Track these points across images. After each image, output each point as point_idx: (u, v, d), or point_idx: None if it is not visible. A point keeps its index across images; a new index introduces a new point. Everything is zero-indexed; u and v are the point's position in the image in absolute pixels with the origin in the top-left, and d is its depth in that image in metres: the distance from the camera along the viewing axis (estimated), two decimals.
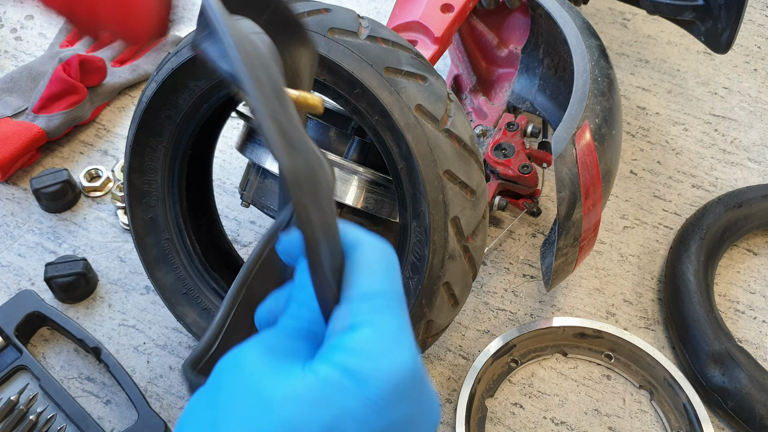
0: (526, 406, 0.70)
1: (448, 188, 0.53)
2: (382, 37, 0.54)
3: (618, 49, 1.02)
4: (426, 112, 0.52)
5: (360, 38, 0.53)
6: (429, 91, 0.53)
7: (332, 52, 0.52)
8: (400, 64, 0.52)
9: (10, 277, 0.78)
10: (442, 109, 0.53)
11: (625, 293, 0.78)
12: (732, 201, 0.79)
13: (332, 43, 0.52)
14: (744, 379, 0.66)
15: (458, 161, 0.53)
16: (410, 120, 0.51)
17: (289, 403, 0.27)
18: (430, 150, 0.52)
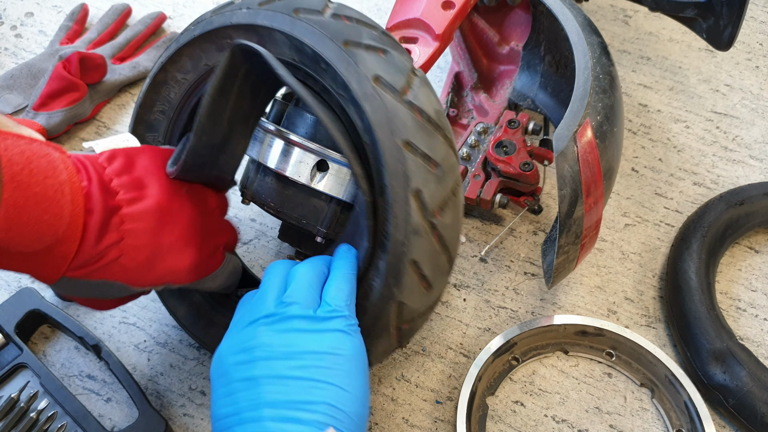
0: (527, 404, 0.70)
1: (409, 159, 0.52)
2: (346, 15, 0.55)
3: (619, 46, 1.02)
4: (385, 83, 0.52)
5: (324, 16, 0.55)
6: (389, 63, 0.53)
7: (296, 29, 0.54)
8: (361, 37, 0.54)
9: (10, 275, 0.78)
10: (402, 81, 0.53)
11: (626, 291, 0.78)
12: (733, 198, 0.79)
13: (296, 21, 0.54)
14: (745, 377, 0.66)
15: (420, 132, 0.52)
16: (368, 90, 0.52)
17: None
18: (388, 119, 0.52)
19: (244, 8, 0.57)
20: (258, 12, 0.56)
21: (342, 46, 0.53)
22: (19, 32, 1.03)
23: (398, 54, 0.55)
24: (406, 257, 0.53)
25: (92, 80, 0.91)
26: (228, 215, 0.83)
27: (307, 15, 0.55)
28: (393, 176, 0.52)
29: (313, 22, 0.54)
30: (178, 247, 0.53)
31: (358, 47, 0.53)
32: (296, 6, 0.55)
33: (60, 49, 0.95)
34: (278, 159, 0.61)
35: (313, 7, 0.55)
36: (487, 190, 0.76)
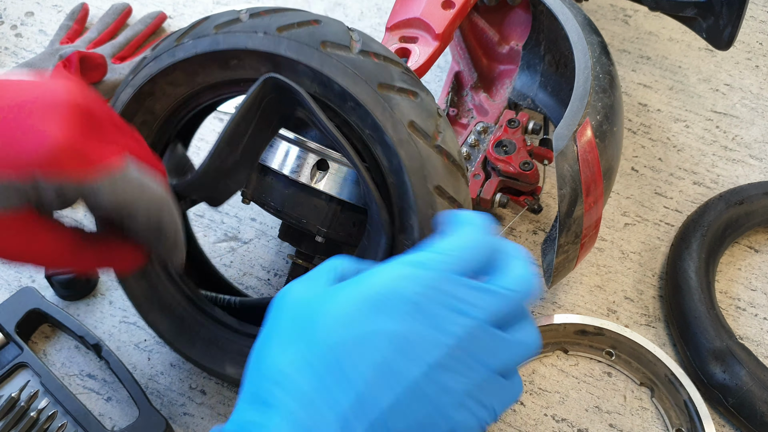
0: (527, 403, 0.70)
1: (438, 203, 0.53)
2: (374, 51, 0.54)
3: (619, 45, 1.02)
4: (418, 129, 0.52)
5: (353, 53, 0.53)
6: (421, 107, 0.53)
7: (325, 66, 0.52)
8: (393, 80, 0.52)
9: (11, 274, 0.78)
10: (433, 126, 0.53)
11: (626, 290, 0.78)
12: (733, 198, 0.79)
13: (325, 57, 0.52)
14: (745, 377, 0.66)
15: (448, 176, 0.53)
16: (403, 136, 0.51)
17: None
18: (422, 166, 0.52)
19: (260, 32, 0.54)
20: (280, 41, 0.53)
21: (376, 89, 0.52)
22: (19, 32, 1.03)
23: (426, 96, 0.54)
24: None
25: (93, 80, 0.91)
26: (228, 215, 0.83)
27: (335, 50, 0.52)
28: (423, 219, 0.53)
29: (344, 60, 0.52)
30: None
31: (391, 90, 0.52)
32: (322, 38, 0.53)
33: (60, 49, 0.95)
34: (278, 158, 0.61)
35: (340, 41, 0.53)
36: (487, 189, 0.76)
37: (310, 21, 0.54)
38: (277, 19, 0.53)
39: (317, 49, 0.52)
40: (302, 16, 0.54)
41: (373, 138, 0.53)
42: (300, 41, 0.53)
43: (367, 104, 0.52)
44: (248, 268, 0.79)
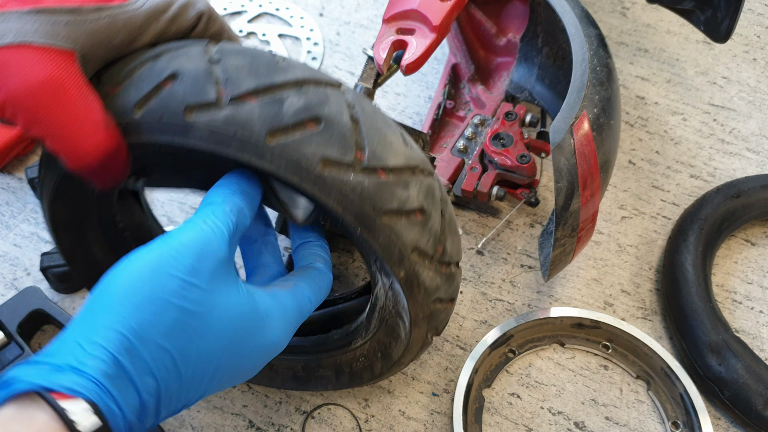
0: (524, 396, 0.70)
1: (437, 308, 0.54)
2: (383, 166, 0.45)
3: (617, 38, 1.02)
4: (422, 253, 0.49)
5: (356, 171, 0.44)
6: (425, 227, 0.48)
7: (322, 192, 0.44)
8: (403, 201, 0.46)
9: (5, 268, 0.77)
10: (435, 246, 0.50)
11: (622, 283, 0.78)
12: (730, 191, 0.79)
13: (322, 181, 0.43)
14: (741, 370, 0.66)
15: (445, 283, 0.53)
16: (406, 264, 0.48)
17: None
18: (422, 285, 0.50)
19: (244, 138, 0.43)
20: (270, 156, 0.43)
21: (380, 217, 0.45)
22: None
23: (435, 213, 0.49)
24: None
25: None
26: None
27: (334, 172, 0.44)
28: (417, 323, 0.54)
29: (344, 185, 0.44)
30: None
31: (399, 216, 0.46)
32: (322, 155, 0.43)
33: None
34: None
35: (341, 158, 0.44)
36: (484, 182, 0.76)
37: (309, 121, 0.43)
38: (268, 113, 0.43)
39: (314, 170, 0.43)
40: (302, 109, 0.43)
41: (376, 264, 0.52)
42: (294, 159, 0.43)
43: (369, 236, 0.46)
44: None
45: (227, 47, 0.45)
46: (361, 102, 0.46)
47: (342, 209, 0.44)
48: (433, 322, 0.55)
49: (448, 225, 0.51)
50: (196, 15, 0.47)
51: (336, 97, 0.45)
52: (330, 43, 1.01)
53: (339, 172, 0.44)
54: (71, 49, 0.41)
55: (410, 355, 0.59)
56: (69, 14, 0.42)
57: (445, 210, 0.51)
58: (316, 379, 0.66)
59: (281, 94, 0.43)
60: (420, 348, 0.59)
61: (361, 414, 0.69)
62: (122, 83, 0.44)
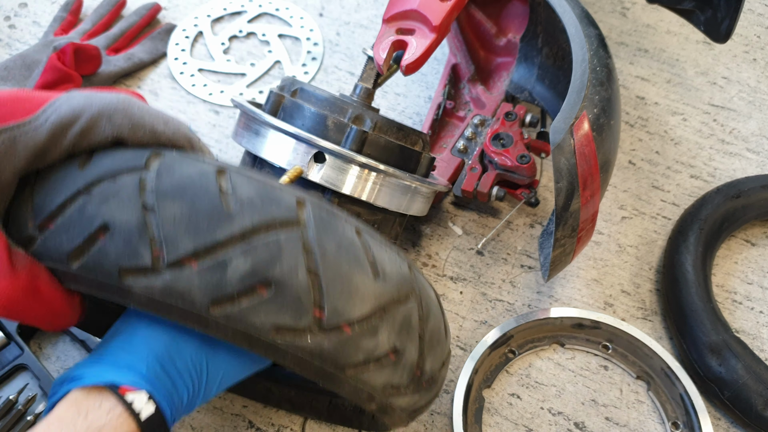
0: (524, 396, 0.70)
1: (419, 410, 0.51)
2: (348, 320, 0.41)
3: (617, 38, 1.01)
4: (395, 386, 0.46)
5: (315, 333, 0.41)
6: (398, 366, 0.45)
7: (279, 357, 0.41)
8: (372, 351, 0.43)
9: None
10: (410, 376, 0.47)
11: (622, 284, 0.78)
12: (730, 191, 0.79)
13: (278, 349, 0.40)
14: (741, 370, 0.66)
15: (426, 393, 0.50)
16: (376, 398, 0.46)
17: None
18: (398, 408, 0.48)
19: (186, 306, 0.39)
20: (215, 327, 0.40)
21: (344, 372, 0.42)
22: (12, 23, 1.02)
23: (411, 344, 0.46)
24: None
25: (87, 71, 0.90)
26: None
27: (290, 338, 0.40)
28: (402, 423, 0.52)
29: (301, 351, 0.41)
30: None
31: (366, 365, 0.43)
32: (274, 322, 0.40)
33: (54, 40, 0.94)
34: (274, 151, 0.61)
35: (298, 325, 0.40)
36: (484, 182, 0.76)
37: (258, 285, 0.39)
38: (210, 281, 0.39)
39: (265, 338, 0.40)
40: (249, 274, 0.39)
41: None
42: (247, 328, 0.39)
43: (330, 386, 0.43)
44: None
45: (165, 184, 0.40)
46: (324, 239, 0.41)
47: (300, 370, 0.41)
48: (415, 417, 0.53)
49: (429, 343, 0.47)
50: (113, 129, 0.42)
51: (290, 246, 0.40)
52: (330, 44, 1.01)
53: (294, 338, 0.40)
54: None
55: (401, 423, 0.55)
56: None
57: (425, 330, 0.47)
58: (310, 408, 0.67)
59: (224, 255, 0.39)
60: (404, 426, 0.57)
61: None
62: (55, 219, 0.41)
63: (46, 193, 0.42)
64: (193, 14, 1.04)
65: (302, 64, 0.98)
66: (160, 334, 0.44)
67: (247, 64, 0.98)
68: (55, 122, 0.41)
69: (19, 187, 0.43)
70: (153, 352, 0.43)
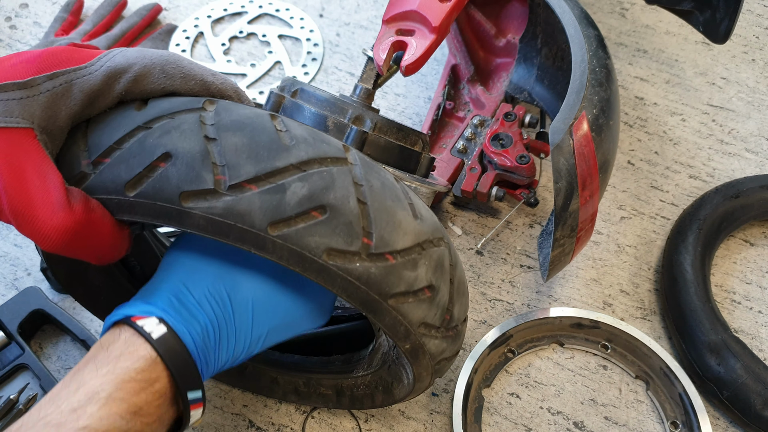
0: (523, 396, 0.70)
1: (441, 366, 0.54)
2: (389, 251, 0.44)
3: (616, 38, 1.02)
4: (429, 325, 0.49)
5: (363, 259, 0.43)
6: (432, 304, 0.48)
7: (327, 281, 0.43)
8: (411, 285, 0.45)
9: (6, 267, 0.78)
10: (441, 320, 0.49)
11: (621, 284, 0.78)
12: (729, 191, 0.79)
13: (326, 270, 0.42)
14: (739, 370, 0.66)
15: (451, 345, 0.52)
16: (413, 337, 0.48)
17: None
18: (428, 353, 0.50)
19: (244, 224, 0.41)
20: (272, 247, 0.41)
21: (387, 301, 0.44)
22: (13, 23, 1.03)
23: (444, 285, 0.48)
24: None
25: None
26: None
27: (339, 260, 0.42)
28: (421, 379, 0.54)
29: (350, 273, 0.42)
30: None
31: (406, 297, 0.45)
32: (327, 246, 0.42)
33: (55, 41, 0.95)
34: None
35: (345, 247, 0.42)
36: (484, 182, 0.76)
37: (313, 210, 0.42)
38: (270, 203, 0.41)
39: (318, 261, 0.42)
40: (306, 198, 0.42)
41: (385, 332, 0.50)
42: (302, 248, 0.41)
43: (372, 317, 0.45)
44: None
45: (224, 120, 0.42)
46: (370, 176, 0.44)
47: (347, 296, 0.43)
48: (437, 374, 0.55)
49: (457, 290, 0.50)
50: (165, 79, 0.45)
51: (342, 177, 0.43)
52: (330, 44, 1.01)
53: (344, 262, 0.42)
54: (28, 126, 0.41)
55: (413, 395, 0.59)
56: (22, 89, 0.41)
57: (455, 276, 0.50)
58: (317, 395, 0.67)
59: (284, 181, 0.41)
60: (420, 391, 0.59)
61: (361, 414, 0.69)
62: (111, 154, 0.42)
63: (101, 133, 0.44)
64: (193, 15, 1.04)
65: (302, 65, 0.98)
66: (177, 272, 0.47)
67: (248, 65, 0.99)
68: (110, 68, 0.44)
69: (69, 134, 0.45)
70: (169, 287, 0.46)
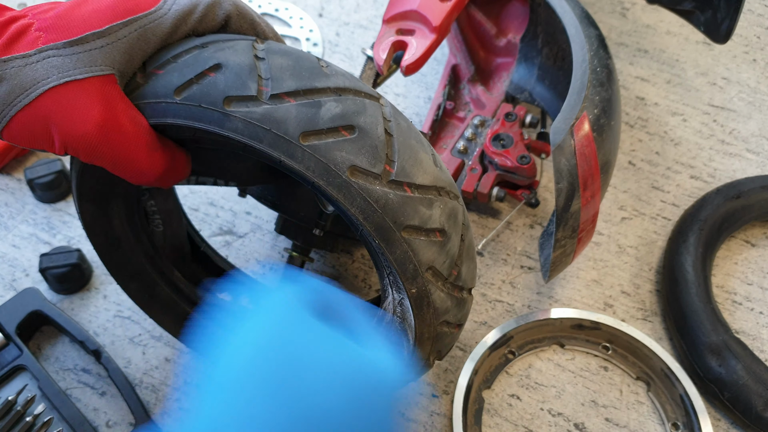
0: (524, 397, 0.70)
1: (443, 331, 0.53)
2: (408, 182, 0.46)
3: (617, 38, 1.01)
4: (437, 274, 0.49)
5: (383, 183, 0.45)
6: (443, 249, 0.49)
7: (347, 199, 0.44)
8: (424, 221, 0.46)
9: (4, 268, 0.77)
10: (451, 268, 0.50)
11: (622, 285, 0.78)
12: (730, 192, 0.79)
13: (349, 187, 0.44)
14: (741, 371, 0.66)
15: (455, 309, 0.52)
16: (419, 281, 0.48)
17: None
18: (432, 305, 0.50)
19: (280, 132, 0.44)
20: (304, 156, 0.44)
21: (401, 232, 0.46)
22: None
23: (455, 236, 0.49)
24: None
25: None
26: (223, 208, 0.83)
27: (362, 180, 0.44)
28: (422, 344, 0.53)
29: (370, 194, 0.44)
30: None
31: (418, 233, 0.46)
32: (351, 163, 0.44)
33: None
34: None
35: (370, 168, 0.44)
36: (484, 183, 0.76)
37: (343, 128, 0.45)
38: (305, 115, 0.44)
39: (341, 176, 0.44)
40: (338, 116, 0.45)
41: (384, 269, 0.51)
42: (328, 160, 0.44)
43: (384, 246, 0.46)
44: (243, 263, 0.79)
45: (274, 47, 0.46)
46: (398, 117, 0.47)
47: (363, 218, 0.45)
48: (437, 345, 0.54)
49: (467, 251, 0.51)
50: (224, 15, 0.48)
51: (373, 109, 0.46)
52: (329, 44, 1.01)
53: (366, 181, 0.44)
54: (110, 72, 0.44)
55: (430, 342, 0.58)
56: (101, 38, 0.44)
57: (466, 236, 0.51)
58: None
59: (320, 99, 0.44)
60: (419, 369, 0.58)
61: None
62: (166, 66, 0.46)
63: (160, 54, 0.47)
64: None
65: None
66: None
67: None
68: (177, 11, 0.46)
69: None
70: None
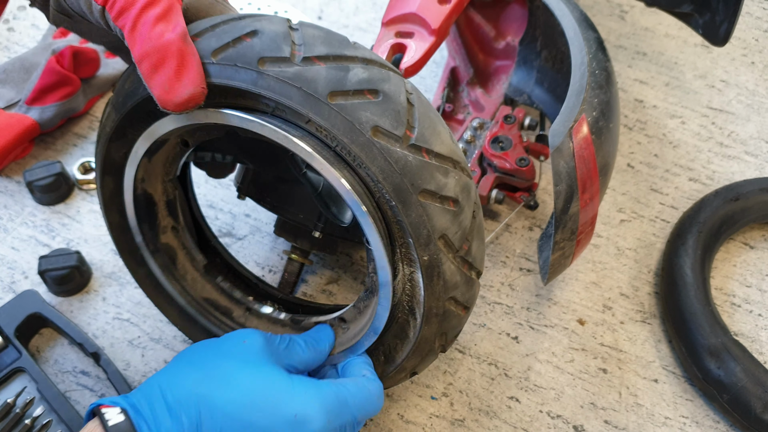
0: (522, 399, 0.70)
1: (450, 309, 0.54)
2: (427, 148, 0.48)
3: (615, 41, 1.02)
4: (449, 244, 0.50)
5: (403, 146, 0.47)
6: (456, 218, 0.50)
7: (368, 159, 0.47)
8: (440, 188, 0.48)
9: (3, 271, 0.77)
10: (462, 240, 0.51)
11: (621, 287, 0.78)
12: (729, 194, 0.79)
13: (372, 147, 0.47)
14: (739, 373, 0.66)
15: (464, 286, 0.53)
16: (431, 245, 0.50)
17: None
18: (442, 276, 0.51)
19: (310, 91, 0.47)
20: (330, 113, 0.47)
21: (417, 195, 0.48)
22: (11, 26, 1.02)
23: (468, 209, 0.51)
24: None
25: (85, 74, 0.90)
26: (222, 210, 0.83)
27: (385, 141, 0.47)
28: (429, 322, 0.54)
29: (392, 156, 0.47)
30: None
31: (433, 198, 0.48)
32: (375, 123, 0.47)
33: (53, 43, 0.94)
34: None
35: (393, 130, 0.47)
36: (483, 185, 0.76)
37: (369, 91, 0.47)
38: (333, 76, 0.47)
39: (364, 135, 0.47)
40: (365, 80, 0.47)
41: (396, 238, 0.51)
42: (353, 119, 0.46)
43: (401, 208, 0.48)
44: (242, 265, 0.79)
45: (306, 23, 0.50)
46: (419, 93, 0.50)
47: (383, 178, 0.47)
48: (444, 326, 0.55)
49: (477, 229, 0.53)
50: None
51: (397, 80, 0.48)
52: None
53: (387, 142, 0.47)
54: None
55: (414, 359, 0.59)
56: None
57: (477, 213, 0.53)
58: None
59: (348, 65, 0.47)
60: (425, 355, 0.58)
61: None
62: (204, 34, 0.48)
63: (198, 24, 0.49)
64: None
65: None
66: (161, 374, 0.53)
67: None
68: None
69: None
70: (147, 386, 0.52)
